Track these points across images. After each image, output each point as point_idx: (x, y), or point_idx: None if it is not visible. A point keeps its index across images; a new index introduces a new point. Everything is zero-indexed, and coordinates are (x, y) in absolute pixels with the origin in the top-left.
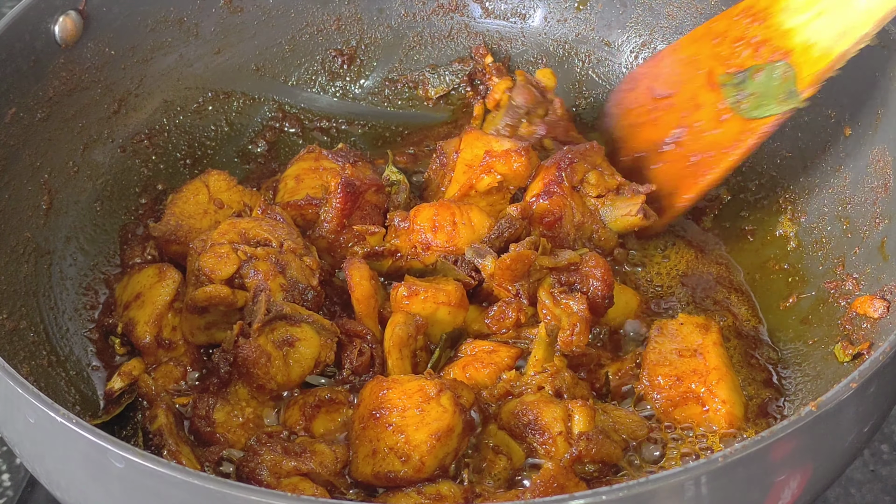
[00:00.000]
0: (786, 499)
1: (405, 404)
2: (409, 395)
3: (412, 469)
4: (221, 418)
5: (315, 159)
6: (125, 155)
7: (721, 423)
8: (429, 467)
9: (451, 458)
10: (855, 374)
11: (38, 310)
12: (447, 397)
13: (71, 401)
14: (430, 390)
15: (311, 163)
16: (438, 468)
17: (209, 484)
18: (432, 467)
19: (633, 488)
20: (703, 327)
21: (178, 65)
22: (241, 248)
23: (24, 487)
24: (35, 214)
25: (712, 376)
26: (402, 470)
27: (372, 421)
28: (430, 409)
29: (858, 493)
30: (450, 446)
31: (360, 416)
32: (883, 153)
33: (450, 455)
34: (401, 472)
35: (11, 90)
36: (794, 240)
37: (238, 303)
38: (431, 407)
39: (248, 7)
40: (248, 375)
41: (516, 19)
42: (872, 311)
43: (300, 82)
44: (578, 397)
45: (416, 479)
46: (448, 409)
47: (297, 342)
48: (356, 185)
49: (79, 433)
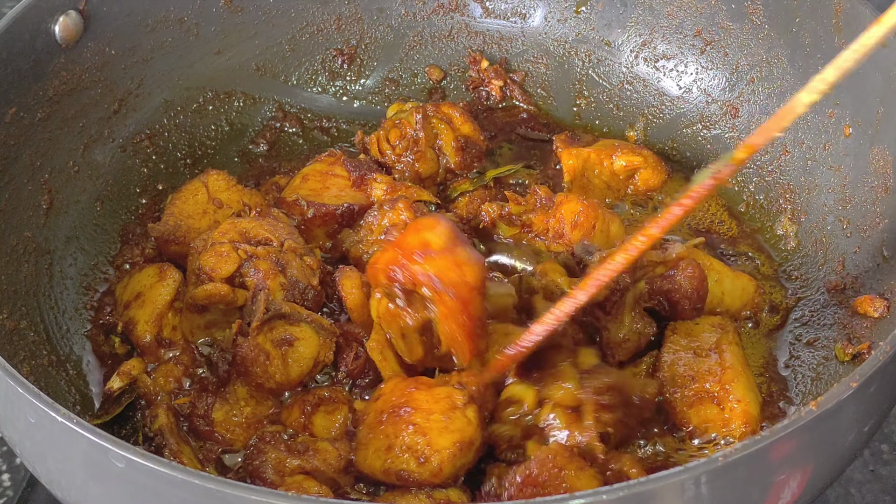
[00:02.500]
0: (786, 499)
1: (431, 408)
2: (437, 400)
3: (429, 472)
4: (220, 417)
5: (330, 164)
6: (125, 155)
7: (737, 421)
8: (445, 474)
9: (465, 469)
10: (855, 374)
11: (38, 309)
12: (473, 411)
13: (71, 401)
14: (457, 400)
15: (324, 166)
16: (452, 476)
17: (209, 484)
18: (448, 474)
19: (633, 488)
20: (718, 327)
21: (178, 65)
22: (241, 246)
23: (24, 487)
24: (35, 214)
25: (728, 375)
26: (417, 471)
27: (392, 416)
28: (456, 417)
29: (858, 493)
30: (467, 458)
31: (377, 409)
32: (883, 153)
33: (465, 466)
34: (415, 473)
35: (11, 90)
36: (794, 240)
37: (238, 301)
38: (457, 416)
39: (248, 7)
40: (246, 374)
41: (516, 19)
42: (872, 311)
43: (300, 82)
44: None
45: (428, 482)
46: (472, 422)
47: (296, 342)
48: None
49: (79, 433)
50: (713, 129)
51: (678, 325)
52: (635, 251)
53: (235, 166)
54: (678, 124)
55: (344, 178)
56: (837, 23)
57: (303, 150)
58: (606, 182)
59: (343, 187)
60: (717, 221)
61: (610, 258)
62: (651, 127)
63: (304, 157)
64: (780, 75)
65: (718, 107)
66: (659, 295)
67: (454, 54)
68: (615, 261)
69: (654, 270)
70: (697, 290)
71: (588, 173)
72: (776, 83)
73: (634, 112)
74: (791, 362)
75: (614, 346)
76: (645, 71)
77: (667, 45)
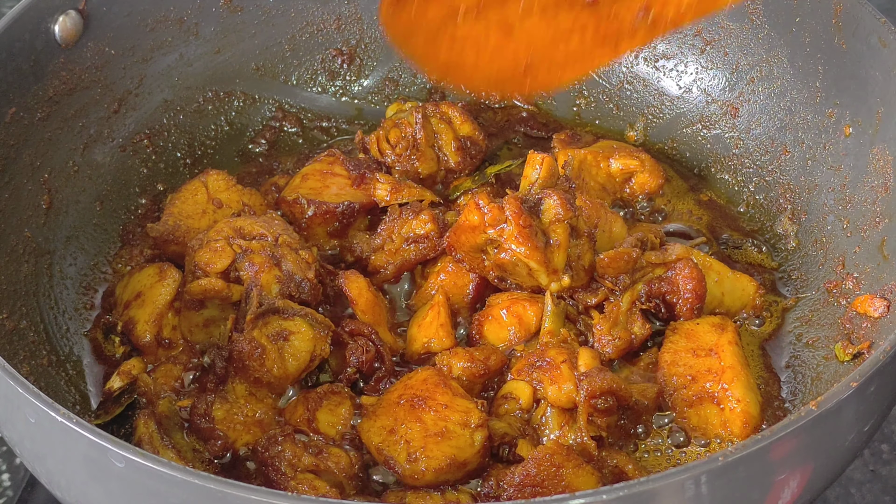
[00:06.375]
0: (786, 498)
1: (446, 414)
2: (455, 410)
3: (411, 472)
4: (221, 415)
5: (329, 163)
6: (125, 155)
7: (736, 421)
8: (425, 480)
9: (448, 484)
10: (855, 374)
11: (38, 309)
12: (481, 436)
13: (71, 400)
14: (472, 419)
15: (324, 165)
16: (432, 485)
17: (209, 483)
18: (428, 482)
19: (633, 487)
20: (718, 327)
21: (178, 64)
22: (236, 241)
23: (24, 487)
24: (35, 214)
25: (727, 375)
26: (402, 465)
27: (409, 403)
28: (461, 435)
29: (858, 493)
30: (454, 476)
31: (402, 389)
32: (883, 153)
33: (449, 482)
34: (399, 466)
35: (11, 90)
36: (794, 239)
37: (233, 297)
38: (463, 434)
39: (248, 7)
40: (244, 369)
41: None
42: (872, 311)
43: (300, 82)
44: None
45: (407, 480)
46: (475, 447)
47: (291, 335)
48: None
49: (79, 433)
50: (713, 128)
51: (678, 325)
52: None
53: (235, 166)
54: (678, 124)
55: (344, 177)
56: (837, 23)
57: (302, 150)
58: (602, 184)
59: (343, 186)
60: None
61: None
62: (651, 127)
63: (303, 156)
64: (780, 75)
65: (718, 107)
66: (657, 296)
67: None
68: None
69: (654, 271)
70: (696, 290)
71: (584, 174)
72: (776, 83)
73: (634, 112)
74: (791, 362)
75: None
76: (645, 71)
77: (667, 45)
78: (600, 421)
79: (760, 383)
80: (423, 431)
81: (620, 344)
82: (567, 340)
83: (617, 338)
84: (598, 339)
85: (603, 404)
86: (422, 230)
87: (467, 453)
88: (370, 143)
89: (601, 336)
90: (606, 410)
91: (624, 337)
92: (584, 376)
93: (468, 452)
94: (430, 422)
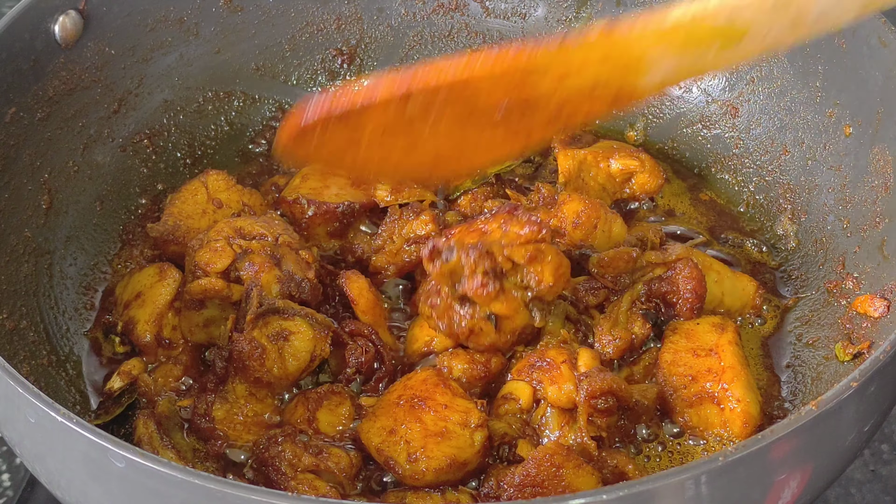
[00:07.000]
0: (786, 499)
1: (446, 415)
2: (454, 410)
3: (411, 472)
4: (221, 415)
5: None
6: (125, 155)
7: (736, 421)
8: (425, 481)
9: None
10: (855, 374)
11: (38, 309)
12: (481, 436)
13: (71, 400)
14: (472, 419)
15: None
16: (432, 485)
17: (209, 483)
18: (428, 482)
19: (633, 487)
20: (718, 326)
21: (178, 64)
22: (236, 241)
23: (24, 487)
24: (35, 214)
25: (727, 375)
26: (402, 466)
27: (409, 403)
28: (461, 435)
29: (858, 493)
30: (454, 476)
31: (401, 389)
32: (883, 153)
33: (449, 482)
34: (399, 467)
35: (11, 90)
36: (794, 239)
37: (233, 296)
38: (463, 434)
39: (248, 7)
40: (244, 369)
41: (517, 19)
42: (873, 311)
43: (300, 82)
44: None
45: (407, 480)
46: (475, 446)
47: (291, 335)
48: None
49: (79, 433)
50: (713, 128)
51: (678, 325)
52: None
53: (235, 166)
54: (678, 124)
55: (344, 177)
56: None
57: None
58: (602, 184)
59: (343, 185)
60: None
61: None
62: (651, 126)
63: None
64: (780, 75)
65: (718, 107)
66: (657, 296)
67: (454, 54)
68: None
69: (653, 272)
70: (696, 290)
71: (584, 175)
72: (776, 83)
73: (634, 112)
74: (791, 362)
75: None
76: None
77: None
78: (600, 421)
79: (760, 383)
80: (423, 432)
81: (621, 344)
82: (567, 341)
83: (617, 338)
84: (598, 339)
85: (603, 404)
86: (422, 231)
87: (467, 453)
88: None
89: (601, 336)
90: (606, 410)
91: (624, 337)
92: (584, 376)
93: (468, 453)
94: (430, 422)
